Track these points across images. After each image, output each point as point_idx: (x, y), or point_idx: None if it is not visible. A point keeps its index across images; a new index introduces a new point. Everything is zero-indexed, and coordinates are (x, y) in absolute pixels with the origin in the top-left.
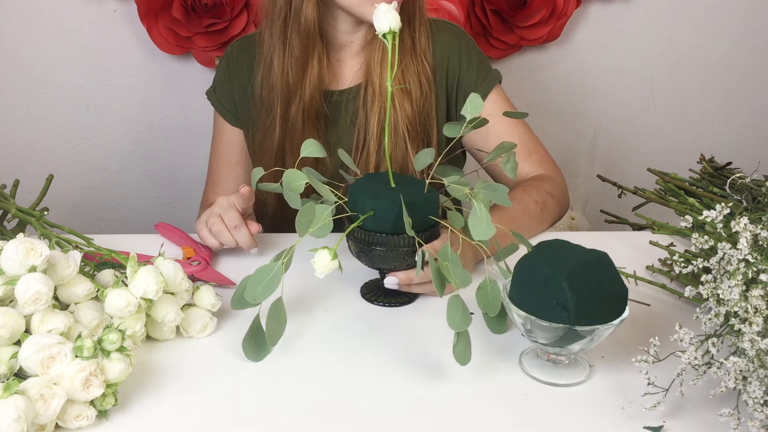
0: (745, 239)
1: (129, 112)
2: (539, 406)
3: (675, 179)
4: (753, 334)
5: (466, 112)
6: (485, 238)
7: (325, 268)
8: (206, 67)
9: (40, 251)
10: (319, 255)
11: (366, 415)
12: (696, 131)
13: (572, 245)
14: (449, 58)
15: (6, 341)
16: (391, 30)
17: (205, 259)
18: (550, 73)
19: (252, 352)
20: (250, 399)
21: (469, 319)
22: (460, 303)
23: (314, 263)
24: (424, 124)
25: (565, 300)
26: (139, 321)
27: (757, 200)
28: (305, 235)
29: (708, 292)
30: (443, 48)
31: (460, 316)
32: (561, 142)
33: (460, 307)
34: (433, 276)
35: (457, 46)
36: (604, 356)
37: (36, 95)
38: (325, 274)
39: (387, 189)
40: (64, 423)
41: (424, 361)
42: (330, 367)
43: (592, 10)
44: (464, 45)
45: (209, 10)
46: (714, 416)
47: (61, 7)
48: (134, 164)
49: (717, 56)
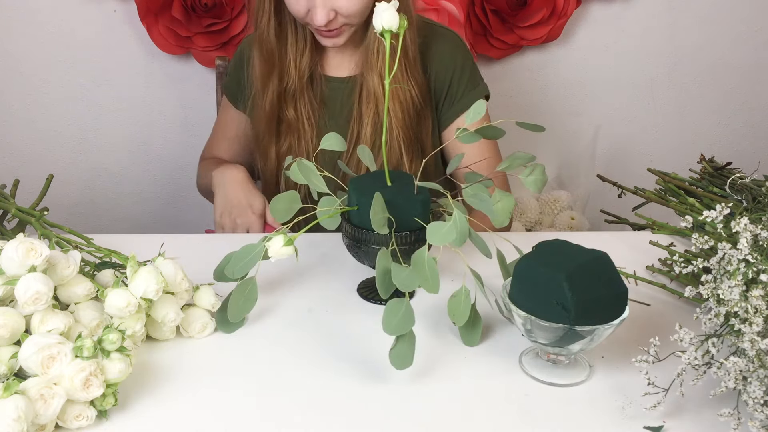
0: (745, 239)
1: (129, 112)
2: (539, 406)
3: (675, 179)
4: (753, 334)
5: (468, 117)
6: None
7: (276, 253)
8: (206, 67)
9: (40, 251)
10: (274, 240)
11: (367, 412)
12: (696, 131)
13: (572, 245)
14: (444, 64)
15: (6, 341)
16: (386, 29)
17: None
18: (550, 73)
19: (222, 324)
20: (250, 399)
21: (411, 322)
22: (403, 306)
23: (268, 246)
24: (416, 126)
25: (565, 300)
26: (139, 321)
27: (757, 200)
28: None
29: (708, 292)
30: (441, 52)
31: (399, 319)
32: (561, 142)
33: (402, 310)
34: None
35: (452, 54)
36: (604, 356)
37: (36, 95)
38: (276, 258)
39: (378, 187)
40: (64, 423)
41: (423, 360)
42: (329, 365)
43: (592, 10)
44: (460, 54)
45: (209, 10)
46: (714, 416)
47: (61, 7)
48: (134, 164)
49: (717, 56)
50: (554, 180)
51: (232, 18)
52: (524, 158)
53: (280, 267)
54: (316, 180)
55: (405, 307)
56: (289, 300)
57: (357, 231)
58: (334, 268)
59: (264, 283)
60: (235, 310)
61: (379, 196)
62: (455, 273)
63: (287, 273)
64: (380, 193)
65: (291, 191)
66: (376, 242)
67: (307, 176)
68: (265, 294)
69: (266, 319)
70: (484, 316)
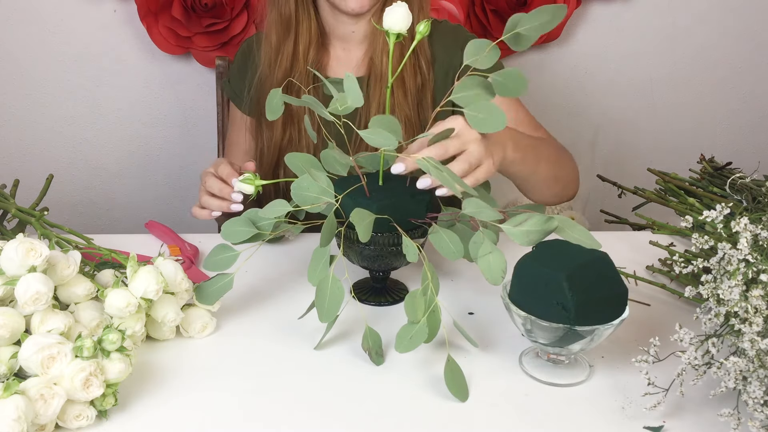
0: (745, 239)
1: (129, 112)
2: (539, 406)
3: (675, 179)
4: (753, 334)
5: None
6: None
7: (240, 187)
8: (206, 67)
9: (40, 251)
10: (245, 186)
11: (365, 413)
12: (696, 131)
13: (572, 245)
14: (452, 55)
15: (6, 341)
16: (394, 31)
17: (189, 258)
18: (550, 73)
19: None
20: (250, 398)
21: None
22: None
23: (240, 182)
24: (419, 110)
25: (565, 300)
26: (139, 321)
27: (757, 200)
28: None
29: (708, 292)
30: (446, 45)
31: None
32: (561, 142)
33: (327, 295)
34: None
35: (455, 42)
36: (604, 356)
37: (36, 95)
38: (238, 189)
39: (371, 188)
40: (64, 423)
41: (421, 360)
42: (328, 366)
43: (592, 10)
44: (462, 38)
45: (209, 10)
46: (714, 416)
47: (61, 7)
48: (134, 164)
49: (717, 56)
50: None
51: (232, 18)
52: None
53: (279, 267)
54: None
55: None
56: (290, 300)
57: (352, 232)
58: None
59: (264, 283)
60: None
61: (373, 201)
62: (455, 273)
63: (287, 273)
64: (371, 200)
65: (280, 200)
66: (378, 243)
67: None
68: (266, 294)
69: (266, 320)
70: (484, 315)
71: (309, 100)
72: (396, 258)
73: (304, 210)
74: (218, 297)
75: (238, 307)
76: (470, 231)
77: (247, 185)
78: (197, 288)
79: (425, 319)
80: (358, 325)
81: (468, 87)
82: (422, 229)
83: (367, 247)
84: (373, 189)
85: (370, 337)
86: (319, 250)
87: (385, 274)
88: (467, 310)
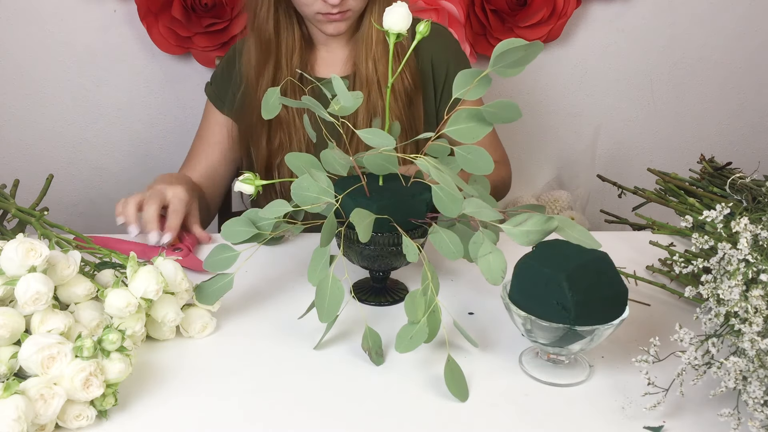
0: (745, 239)
1: (129, 112)
2: (539, 406)
3: (675, 179)
4: (753, 334)
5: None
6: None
7: (240, 187)
8: (206, 67)
9: (40, 251)
10: (245, 186)
11: (366, 413)
12: (696, 131)
13: (572, 245)
14: (438, 56)
15: (6, 341)
16: (394, 31)
17: (188, 247)
18: (550, 73)
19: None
20: (250, 398)
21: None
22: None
23: (240, 182)
24: (409, 113)
25: (565, 300)
26: (139, 321)
27: (757, 200)
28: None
29: (708, 292)
30: (432, 45)
31: (328, 301)
32: (561, 142)
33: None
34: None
35: (444, 44)
36: (604, 356)
37: (36, 95)
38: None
39: (371, 188)
40: (64, 423)
41: (421, 360)
42: (328, 366)
43: (592, 10)
44: (452, 44)
45: (209, 10)
46: (714, 416)
47: (61, 7)
48: (134, 164)
49: (717, 56)
50: (554, 180)
51: (232, 18)
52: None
53: (279, 267)
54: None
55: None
56: (290, 300)
57: (352, 233)
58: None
59: (264, 283)
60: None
61: (373, 201)
62: (455, 273)
63: (287, 273)
64: (370, 200)
65: (280, 200)
66: (377, 243)
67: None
68: (266, 294)
69: (266, 320)
70: (484, 315)
71: (308, 101)
72: (396, 258)
73: (304, 210)
74: (218, 297)
75: (238, 307)
76: (470, 231)
77: (247, 185)
78: (197, 288)
79: (425, 319)
80: (358, 325)
81: (461, 120)
82: (422, 229)
83: (367, 247)
84: (373, 189)
85: (370, 337)
86: (319, 250)
87: (385, 274)
88: (467, 310)
